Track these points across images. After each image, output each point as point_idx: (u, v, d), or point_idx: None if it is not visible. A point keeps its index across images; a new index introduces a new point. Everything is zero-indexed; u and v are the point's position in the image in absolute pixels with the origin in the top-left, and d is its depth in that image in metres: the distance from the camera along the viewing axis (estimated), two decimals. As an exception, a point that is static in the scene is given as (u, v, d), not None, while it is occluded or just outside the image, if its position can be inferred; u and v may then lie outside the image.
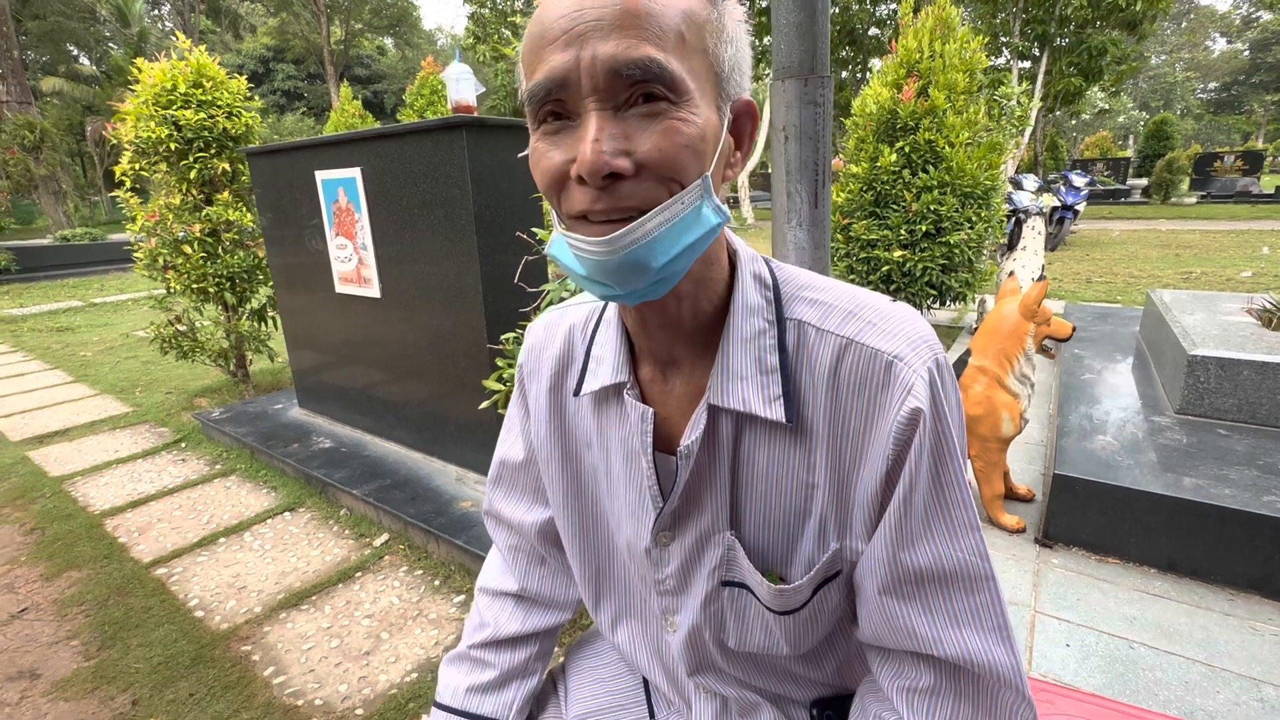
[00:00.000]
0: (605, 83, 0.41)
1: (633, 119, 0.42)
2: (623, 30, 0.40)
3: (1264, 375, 2.20)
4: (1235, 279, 6.38)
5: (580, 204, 0.43)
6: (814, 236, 1.30)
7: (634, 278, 0.44)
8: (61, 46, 21.83)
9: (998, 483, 2.11)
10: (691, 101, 0.43)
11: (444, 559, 2.12)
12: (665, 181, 0.43)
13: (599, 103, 0.42)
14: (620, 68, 0.40)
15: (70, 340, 5.77)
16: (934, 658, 0.52)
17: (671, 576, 0.61)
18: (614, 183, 0.42)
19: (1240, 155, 17.71)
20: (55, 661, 1.75)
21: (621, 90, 0.41)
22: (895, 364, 0.49)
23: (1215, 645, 1.59)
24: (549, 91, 0.42)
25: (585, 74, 0.41)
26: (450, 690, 0.73)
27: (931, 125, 3.94)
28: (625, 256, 0.43)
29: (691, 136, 0.43)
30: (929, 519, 0.50)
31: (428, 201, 2.27)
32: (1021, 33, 12.29)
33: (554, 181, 0.45)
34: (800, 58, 1.21)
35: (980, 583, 0.51)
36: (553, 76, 0.42)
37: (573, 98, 0.42)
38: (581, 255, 0.44)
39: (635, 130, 0.42)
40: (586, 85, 0.41)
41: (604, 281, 0.45)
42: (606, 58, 0.40)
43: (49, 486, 2.82)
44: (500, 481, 0.76)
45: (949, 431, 0.49)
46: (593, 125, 0.41)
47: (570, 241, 0.45)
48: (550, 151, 0.44)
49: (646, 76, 0.41)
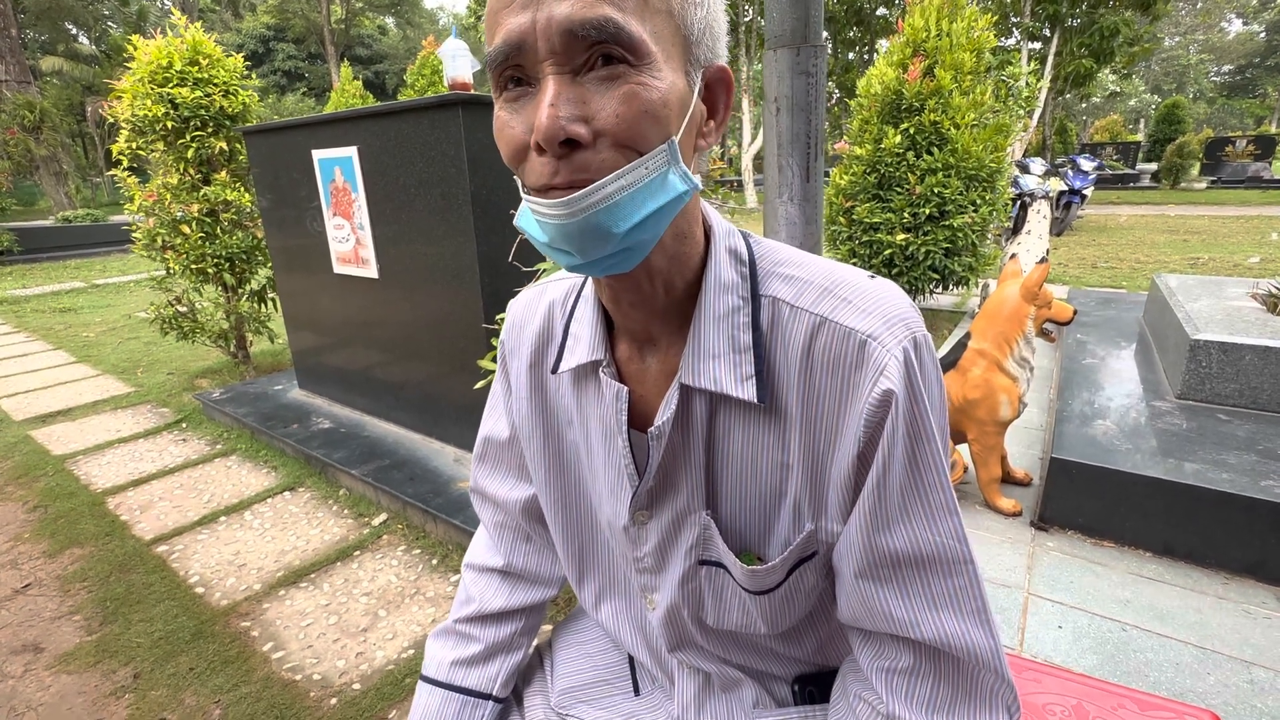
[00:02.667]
0: (561, 44, 0.40)
1: (591, 83, 0.41)
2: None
3: (1266, 360, 2.18)
4: (1243, 265, 6.31)
5: (540, 177, 0.42)
6: (805, 212, 1.28)
7: (596, 244, 0.43)
8: (60, 25, 21.62)
9: (995, 466, 2.11)
10: (654, 65, 0.41)
11: (441, 538, 2.14)
12: (624, 149, 0.42)
13: (556, 66, 0.40)
14: (575, 28, 0.39)
15: (73, 321, 5.79)
16: (913, 640, 0.51)
17: (649, 555, 0.61)
18: (571, 151, 0.41)
19: (1253, 140, 17.44)
20: (58, 636, 1.77)
21: (579, 53, 0.40)
22: (869, 343, 0.48)
23: (1208, 628, 1.59)
24: (506, 56, 0.41)
25: (541, 36, 0.40)
26: (435, 663, 0.73)
27: (937, 106, 3.88)
28: (585, 220, 0.42)
29: (652, 102, 0.41)
30: (905, 502, 0.49)
31: (424, 180, 2.25)
32: (1032, 12, 12.07)
33: (516, 152, 0.44)
34: (793, 26, 1.18)
35: (958, 566, 0.50)
36: (509, 40, 0.40)
37: (530, 62, 0.41)
38: (543, 220, 0.43)
39: (593, 95, 0.41)
40: (543, 48, 0.40)
41: (566, 249, 0.44)
42: (562, 18, 0.39)
43: (52, 465, 2.85)
44: (485, 459, 0.76)
45: (925, 413, 0.48)
46: (549, 90, 0.40)
47: (532, 206, 0.44)
48: (511, 120, 0.43)
49: (603, 37, 0.39)
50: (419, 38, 28.41)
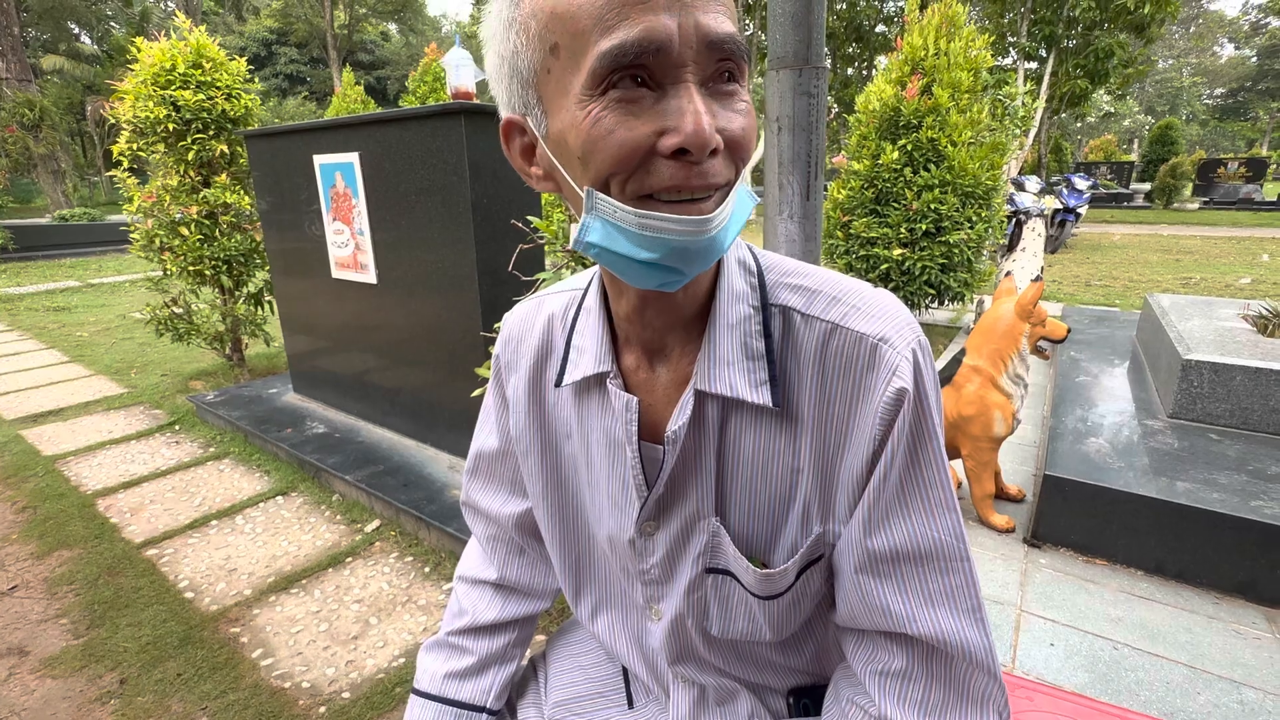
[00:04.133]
0: (701, 55, 0.40)
1: (715, 95, 0.42)
2: (717, 4, 0.40)
3: (1257, 381, 2.20)
4: (1234, 285, 6.38)
5: (671, 179, 0.40)
6: (805, 229, 1.30)
7: (706, 260, 0.44)
8: (63, 24, 21.66)
9: (988, 482, 2.12)
10: (746, 86, 0.43)
11: (434, 546, 2.13)
12: (736, 162, 0.43)
13: (696, 74, 0.40)
14: (720, 41, 0.40)
15: (67, 320, 5.76)
16: (907, 639, 0.52)
17: (656, 566, 0.61)
18: (709, 159, 0.41)
19: (1244, 162, 17.66)
20: (44, 639, 1.75)
21: (710, 64, 0.40)
22: (880, 346, 0.49)
23: (1198, 647, 1.60)
24: (640, 53, 0.38)
25: (685, 43, 0.39)
26: (428, 676, 0.73)
27: (934, 123, 3.92)
28: (712, 238, 0.42)
29: (753, 120, 0.44)
30: (906, 497, 0.50)
31: (425, 188, 2.26)
32: (1029, 33, 12.22)
33: (629, 154, 0.40)
34: (795, 48, 1.20)
35: (955, 563, 0.51)
36: (652, 38, 0.38)
37: (663, 65, 0.39)
38: (660, 237, 0.41)
39: (718, 107, 0.41)
40: (687, 54, 0.39)
41: (675, 266, 0.43)
42: (709, 29, 0.39)
43: (42, 465, 2.82)
44: (477, 473, 0.76)
45: (930, 412, 0.50)
46: (697, 97, 0.40)
47: (649, 222, 0.41)
48: (629, 121, 0.40)
49: (733, 55, 0.41)
50: (421, 44, 28.55)
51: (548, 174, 0.48)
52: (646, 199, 0.42)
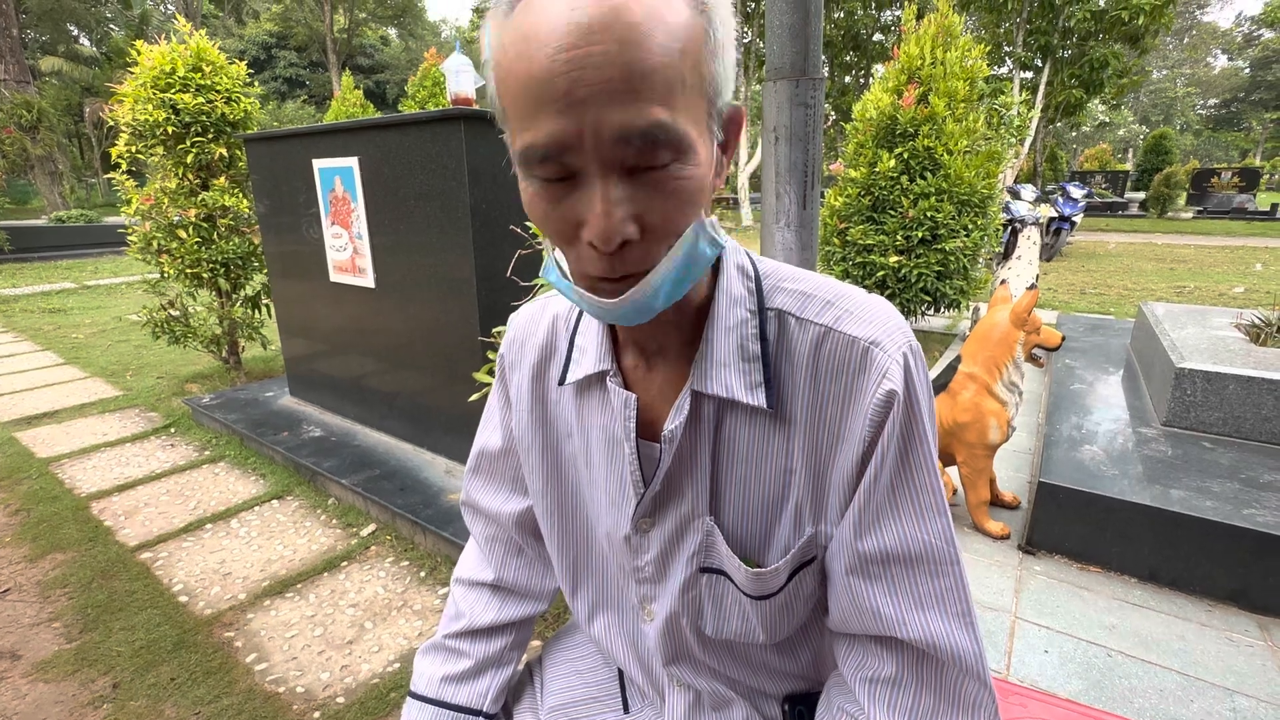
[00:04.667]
0: (611, 151, 0.39)
1: (637, 181, 0.41)
2: (628, 94, 0.37)
3: (1249, 390, 2.22)
4: (1228, 294, 6.42)
5: (593, 269, 0.44)
6: (802, 238, 1.31)
7: (639, 317, 0.46)
8: (62, 26, 21.67)
9: (983, 489, 2.12)
10: (694, 152, 0.42)
11: (430, 550, 2.13)
12: (669, 238, 0.43)
13: (603, 168, 0.40)
14: (629, 136, 0.38)
15: (62, 322, 5.74)
16: (897, 644, 0.53)
17: (651, 564, 0.61)
18: (622, 249, 0.42)
19: (1238, 172, 17.82)
20: (36, 643, 1.74)
21: (628, 155, 0.40)
22: (872, 349, 0.50)
23: (1192, 655, 1.60)
24: (547, 156, 0.40)
25: (590, 142, 0.39)
26: (425, 680, 0.73)
27: (931, 132, 3.95)
28: (631, 307, 0.45)
29: (694, 191, 0.42)
30: (896, 499, 0.51)
31: (424, 193, 2.26)
32: (1024, 43, 12.32)
33: (563, 237, 0.44)
34: (792, 59, 1.22)
35: (945, 566, 0.51)
36: (554, 142, 0.39)
37: (574, 162, 0.40)
38: (589, 307, 0.47)
39: (640, 192, 0.41)
40: (591, 153, 0.39)
41: (609, 322, 0.48)
42: (614, 127, 0.38)
43: (36, 468, 2.81)
44: (478, 471, 0.77)
45: (921, 414, 0.51)
46: (600, 194, 0.40)
47: (581, 298, 0.46)
48: (551, 209, 0.43)
49: (654, 143, 0.39)
50: (421, 49, 28.65)
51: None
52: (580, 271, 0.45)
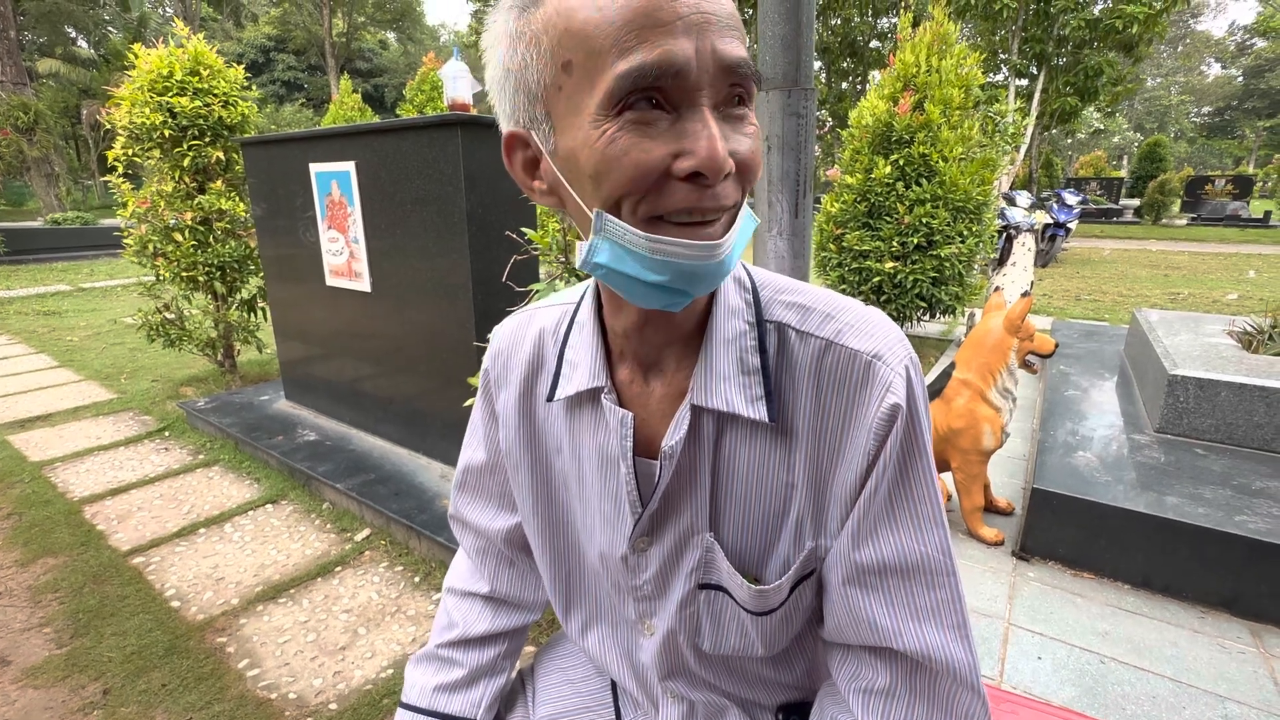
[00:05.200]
0: (716, 79, 0.40)
1: (727, 119, 0.42)
2: (730, 29, 0.40)
3: (1241, 397, 2.23)
4: (1221, 301, 6.46)
5: (685, 201, 0.41)
6: (794, 246, 1.32)
7: (713, 282, 0.45)
8: (60, 28, 21.66)
9: (978, 495, 2.13)
10: (753, 109, 0.45)
11: (425, 555, 2.12)
12: (744, 184, 0.44)
13: (712, 99, 0.41)
14: (735, 65, 0.40)
15: (57, 325, 5.71)
16: (892, 655, 0.52)
17: (649, 582, 0.60)
18: (724, 181, 0.42)
19: (1231, 179, 17.95)
20: (26, 648, 1.73)
21: (724, 89, 0.41)
22: (874, 363, 0.50)
23: (1184, 661, 1.61)
24: (659, 76, 0.39)
25: (703, 67, 0.39)
26: (417, 689, 0.73)
27: (926, 139, 3.97)
28: (720, 261, 0.43)
29: (759, 141, 0.45)
30: (895, 511, 0.51)
31: (421, 198, 2.27)
32: (1020, 51, 12.40)
33: (644, 175, 0.40)
34: (785, 70, 1.23)
35: (942, 578, 0.51)
36: (670, 61, 0.38)
37: (680, 89, 0.40)
38: (670, 260, 0.42)
39: (730, 131, 0.42)
40: (704, 78, 0.40)
41: (681, 288, 0.44)
42: (724, 54, 0.40)
43: (28, 471, 2.80)
44: (465, 487, 0.75)
45: (920, 428, 0.51)
46: (712, 122, 0.40)
47: (660, 246, 0.42)
48: (644, 143, 0.40)
49: (746, 79, 0.41)
50: (420, 53, 28.69)
51: (552, 189, 0.48)
52: (656, 221, 0.42)
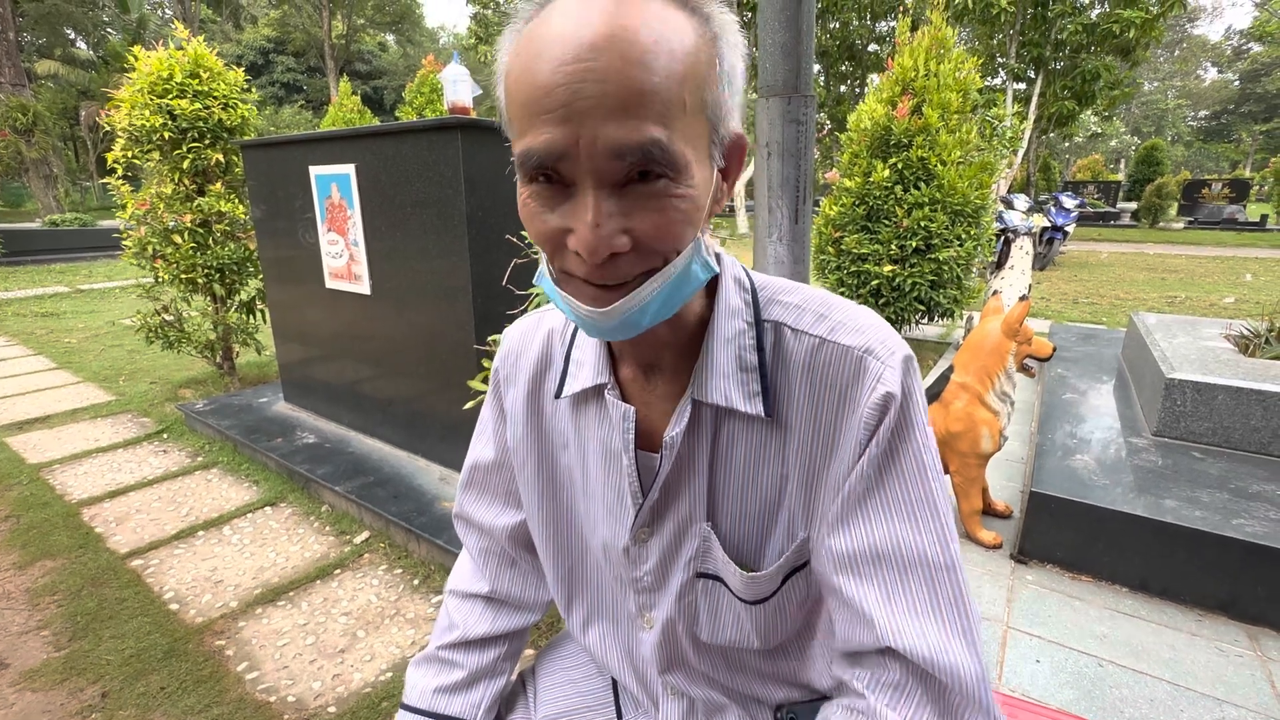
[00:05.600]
0: (605, 164, 0.40)
1: (630, 196, 0.42)
2: (625, 111, 0.39)
3: (1238, 400, 2.24)
4: (1218, 304, 6.48)
5: (580, 269, 0.44)
6: (794, 251, 1.33)
7: (624, 332, 0.47)
8: (59, 30, 21.65)
9: (976, 499, 2.13)
10: (689, 173, 0.42)
11: (424, 558, 2.12)
12: (660, 254, 0.44)
13: (596, 180, 0.41)
14: (624, 152, 0.39)
15: (55, 326, 5.70)
16: (898, 656, 0.50)
17: (650, 573, 0.62)
18: (611, 259, 0.43)
19: (1228, 183, 18.02)
20: (24, 651, 1.73)
21: (621, 170, 0.41)
22: (865, 358, 0.52)
23: (1182, 665, 1.61)
24: (542, 163, 0.41)
25: (584, 153, 0.40)
26: (418, 691, 0.73)
27: (924, 143, 3.99)
28: (620, 320, 0.46)
29: (688, 211, 0.43)
30: (884, 492, 0.51)
31: (420, 201, 2.27)
32: (1017, 55, 12.47)
33: (546, 241, 0.45)
34: (785, 77, 1.24)
35: (941, 573, 0.50)
36: (550, 150, 0.40)
37: (568, 171, 0.41)
38: (576, 316, 0.47)
39: (633, 207, 0.42)
40: (585, 164, 0.40)
41: (593, 332, 0.49)
42: (608, 142, 0.39)
43: (26, 474, 2.79)
44: (471, 485, 0.77)
45: (913, 416, 0.52)
46: (592, 205, 0.41)
47: (569, 306, 0.47)
48: (544, 214, 0.44)
49: (647, 160, 0.40)
50: (419, 55, 28.74)
51: None
52: (566, 275, 0.46)
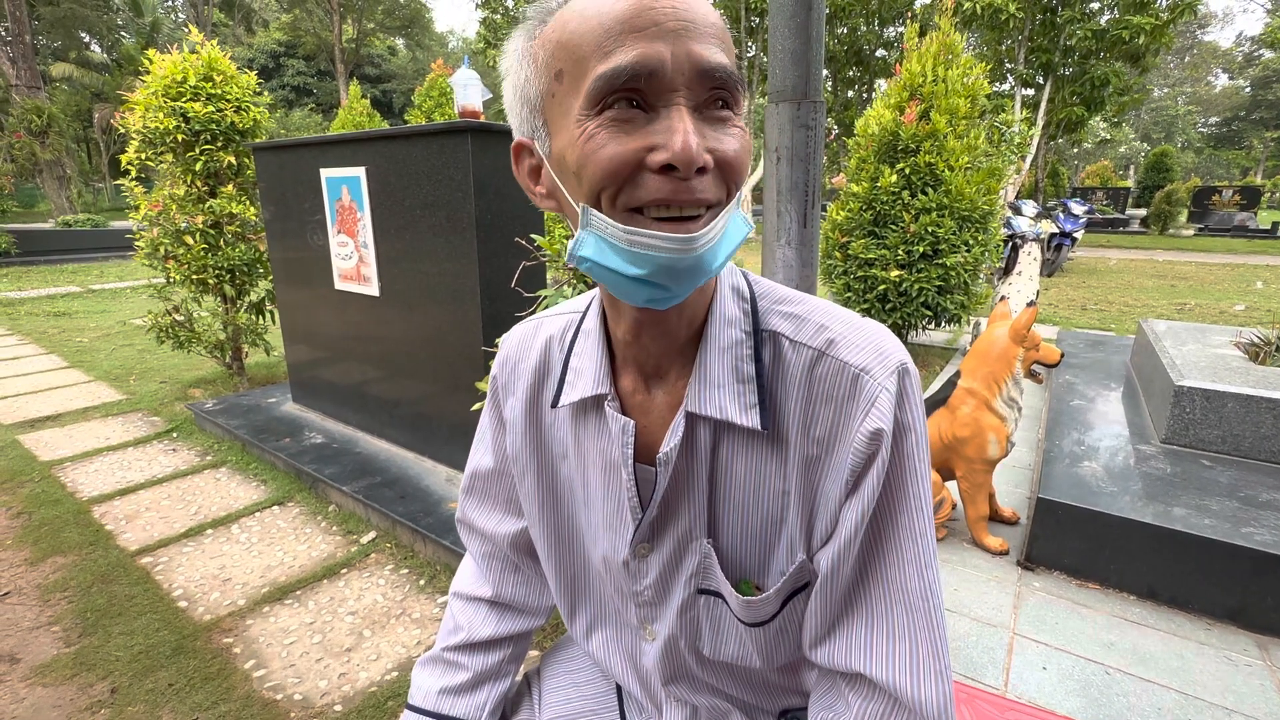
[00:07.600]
0: (694, 81, 0.42)
1: (708, 120, 0.44)
2: (709, 36, 0.43)
3: (1248, 408, 2.23)
4: (1228, 312, 6.43)
5: (659, 192, 0.43)
6: (802, 255, 1.34)
7: (693, 279, 0.45)
8: (73, 33, 21.92)
9: (982, 504, 2.13)
10: (740, 111, 0.46)
11: (430, 558, 2.13)
12: (728, 183, 0.45)
13: (688, 99, 0.43)
14: (712, 69, 0.42)
15: (67, 326, 5.77)
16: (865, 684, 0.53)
17: (650, 587, 0.61)
18: (698, 175, 0.43)
19: (1238, 190, 17.89)
20: (35, 646, 1.74)
21: (703, 92, 0.43)
22: (862, 377, 0.51)
23: (1190, 674, 1.60)
24: (634, 76, 0.41)
25: (677, 70, 0.42)
26: (422, 692, 0.73)
27: (932, 148, 3.98)
28: (698, 257, 0.44)
29: (747, 145, 0.46)
30: (873, 530, 0.52)
31: (430, 203, 2.29)
32: (1026, 61, 12.42)
33: (619, 168, 0.43)
34: (794, 82, 1.25)
35: (918, 602, 0.51)
36: (645, 63, 0.41)
37: (656, 89, 0.42)
38: (647, 253, 0.43)
39: (710, 130, 0.44)
40: (679, 79, 0.42)
41: (662, 283, 0.45)
42: (700, 58, 0.42)
43: (38, 471, 2.82)
44: (472, 492, 0.77)
45: (907, 452, 0.51)
46: (687, 119, 0.42)
47: (636, 238, 0.43)
48: (619, 138, 0.43)
49: (725, 84, 0.43)
50: (428, 60, 28.91)
51: (550, 192, 0.50)
52: (635, 213, 0.44)
